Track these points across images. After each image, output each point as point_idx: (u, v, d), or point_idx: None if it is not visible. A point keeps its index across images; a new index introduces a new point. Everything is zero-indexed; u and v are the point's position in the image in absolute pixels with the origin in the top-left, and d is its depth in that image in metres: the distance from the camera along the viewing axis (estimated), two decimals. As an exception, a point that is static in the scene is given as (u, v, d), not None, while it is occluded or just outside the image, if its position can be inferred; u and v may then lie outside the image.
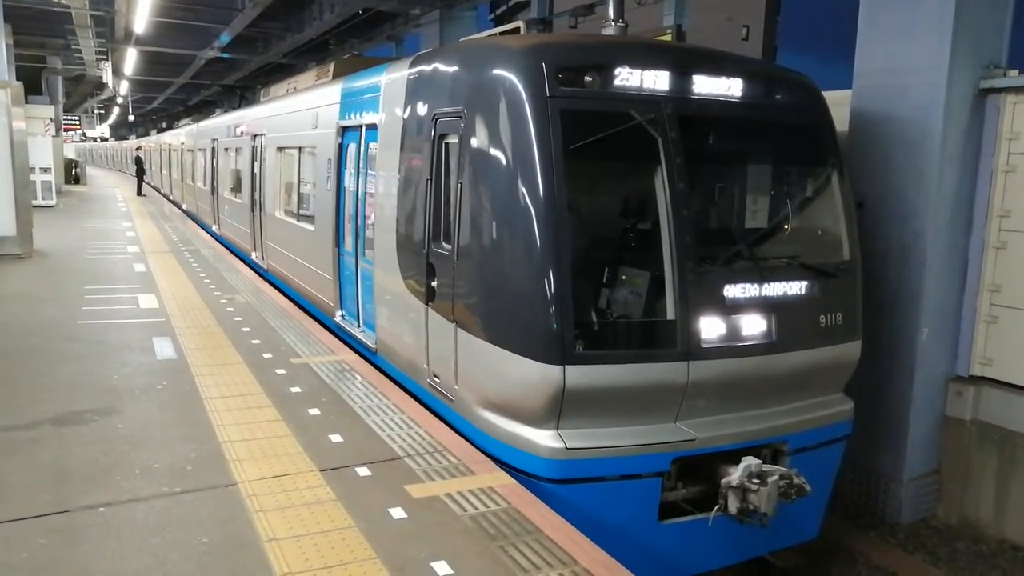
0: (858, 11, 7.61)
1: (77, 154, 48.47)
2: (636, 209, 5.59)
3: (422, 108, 6.47)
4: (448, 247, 5.79)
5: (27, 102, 16.30)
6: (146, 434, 5.30)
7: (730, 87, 5.65)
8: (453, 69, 6.24)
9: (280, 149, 11.92)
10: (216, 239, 17.29)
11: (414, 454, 5.09)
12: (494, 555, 3.82)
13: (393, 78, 7.31)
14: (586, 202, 5.58)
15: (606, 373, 5.00)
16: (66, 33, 23.09)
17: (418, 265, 6.30)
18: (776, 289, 5.52)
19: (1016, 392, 7.04)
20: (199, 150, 21.23)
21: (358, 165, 8.19)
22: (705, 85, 5.55)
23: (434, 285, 6.03)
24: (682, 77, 5.47)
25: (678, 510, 5.39)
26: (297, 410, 5.84)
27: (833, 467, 6.12)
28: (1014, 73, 7.00)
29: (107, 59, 28.74)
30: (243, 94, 34.68)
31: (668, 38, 10.75)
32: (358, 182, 8.20)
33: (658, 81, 5.39)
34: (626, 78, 5.30)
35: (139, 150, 38.46)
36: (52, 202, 22.30)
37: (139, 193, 31.39)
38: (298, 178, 10.99)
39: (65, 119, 38.56)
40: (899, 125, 7.19)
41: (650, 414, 5.22)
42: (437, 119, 6.09)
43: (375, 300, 7.56)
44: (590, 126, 5.16)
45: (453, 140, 5.82)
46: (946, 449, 7.53)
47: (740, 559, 5.75)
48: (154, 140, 40.12)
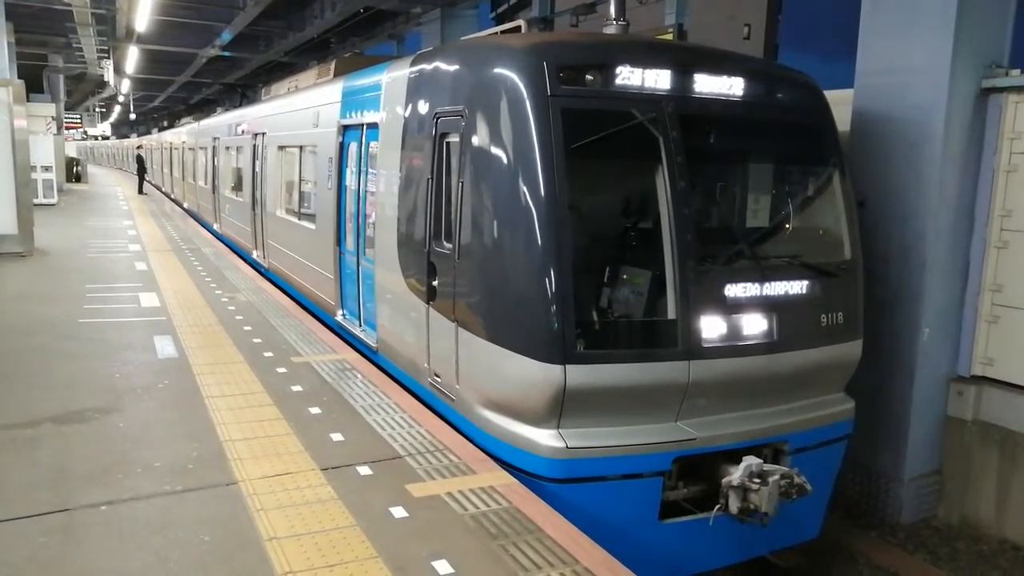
0: (860, 10, 7.60)
1: (78, 152, 48.47)
2: (637, 208, 5.58)
3: (423, 107, 6.47)
4: (449, 246, 5.79)
5: (28, 100, 16.26)
6: (147, 433, 5.31)
7: (731, 86, 5.64)
8: (454, 68, 6.23)
9: (281, 148, 11.91)
10: (217, 237, 17.29)
11: (415, 453, 5.09)
12: (495, 554, 3.82)
13: (394, 77, 7.31)
14: (587, 201, 5.57)
15: (607, 372, 5.00)
16: (68, 31, 23.12)
17: (419, 264, 6.30)
18: (777, 288, 5.51)
19: (1017, 392, 7.04)
20: (200, 148, 21.22)
21: (359, 164, 8.19)
22: (706, 84, 5.54)
23: (435, 284, 6.03)
24: (683, 76, 5.46)
25: (679, 509, 5.39)
26: (298, 409, 5.84)
27: (834, 467, 6.12)
28: (1016, 72, 6.98)
29: (108, 57, 28.78)
30: (244, 93, 34.74)
31: (669, 37, 10.73)
32: (359, 181, 8.20)
33: (659, 80, 5.38)
34: (627, 77, 5.29)
35: (140, 148, 38.47)
36: (53, 200, 22.32)
37: (140, 191, 31.41)
38: (299, 177, 10.99)
39: (66, 117, 38.58)
40: (900, 124, 7.19)
41: (651, 413, 5.22)
42: (438, 118, 6.08)
43: (376, 299, 7.56)
44: (591, 125, 5.16)
45: (454, 139, 5.81)
46: (947, 449, 7.53)
47: (741, 559, 5.75)
48: (155, 138, 40.12)
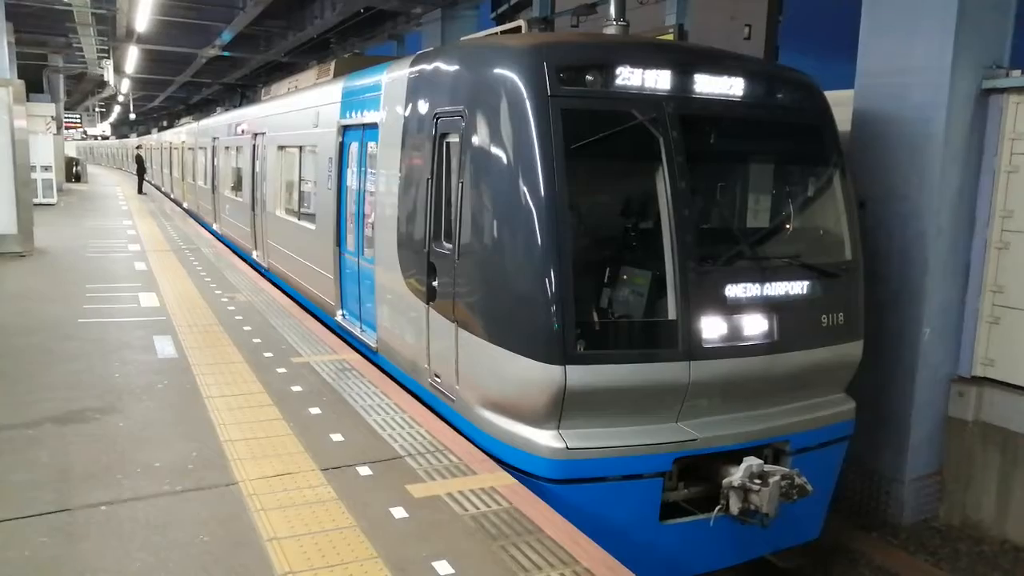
0: (860, 11, 7.60)
1: (78, 152, 48.50)
2: (637, 208, 5.57)
3: (423, 107, 6.47)
4: (449, 246, 5.79)
5: (28, 100, 16.29)
6: (147, 433, 5.30)
7: (731, 86, 5.64)
8: (454, 68, 6.23)
9: (281, 148, 11.91)
10: (217, 237, 17.29)
11: (415, 453, 5.08)
12: (495, 555, 3.82)
13: (394, 77, 7.31)
14: (587, 201, 5.57)
15: (607, 373, 4.99)
16: (67, 31, 23.12)
17: (419, 264, 6.30)
18: (778, 289, 5.51)
19: (1018, 393, 7.03)
20: (200, 148, 21.23)
21: (359, 164, 8.19)
22: (706, 84, 5.54)
23: (435, 284, 6.03)
24: (683, 76, 5.46)
25: (679, 510, 5.39)
26: (298, 409, 5.84)
27: (835, 467, 6.12)
28: (1017, 73, 6.98)
29: (108, 57, 28.77)
30: (244, 93, 34.76)
31: (670, 37, 10.73)
32: (359, 181, 8.19)
33: (659, 80, 5.38)
34: (627, 77, 5.29)
35: (140, 148, 38.49)
36: (53, 200, 22.32)
37: (140, 191, 31.42)
38: (299, 177, 10.99)
39: (66, 117, 38.64)
40: (901, 125, 7.18)
41: (651, 414, 5.22)
42: (438, 118, 6.08)
43: (376, 299, 7.56)
44: (591, 125, 5.15)
45: (454, 139, 5.81)
46: (948, 450, 7.52)
47: (742, 559, 5.75)
48: (155, 138, 40.13)
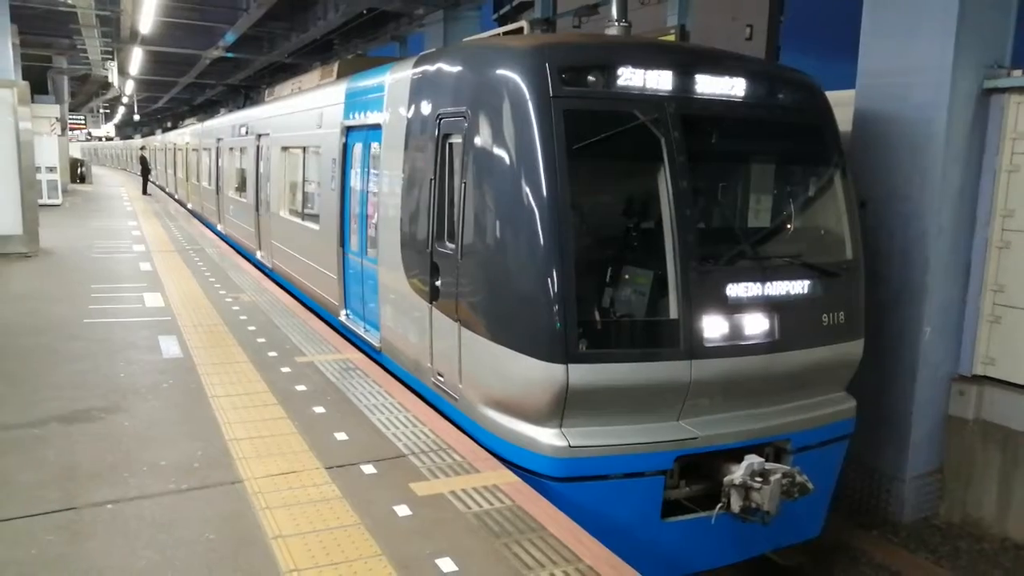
0: (862, 11, 7.62)
1: (82, 153, 48.64)
2: (639, 208, 5.60)
3: (426, 108, 6.50)
4: (452, 246, 5.82)
5: (33, 102, 16.36)
6: (153, 432, 5.35)
7: (733, 87, 5.66)
8: (457, 69, 6.26)
9: (285, 149, 11.95)
10: (221, 238, 17.35)
11: (419, 452, 5.12)
12: (498, 552, 3.85)
13: (397, 78, 7.34)
14: (589, 201, 5.60)
15: (609, 372, 5.02)
16: (72, 33, 23.15)
17: (422, 264, 6.33)
18: (779, 288, 5.53)
19: (1019, 392, 7.04)
20: (204, 150, 21.29)
21: (362, 165, 8.22)
22: (708, 85, 5.56)
23: (438, 284, 6.06)
24: (685, 77, 5.49)
25: (681, 508, 5.41)
26: (302, 408, 5.88)
27: (836, 465, 6.14)
28: (1018, 73, 6.99)
29: (113, 59, 28.83)
30: (248, 94, 34.81)
31: (671, 38, 10.76)
32: (362, 182, 8.23)
33: (661, 81, 5.40)
34: (629, 78, 5.32)
35: (144, 150, 38.58)
36: (58, 201, 22.42)
37: (144, 192, 31.52)
38: (303, 177, 11.03)
39: (71, 118, 38.67)
40: (902, 125, 7.20)
41: (653, 412, 5.24)
42: (441, 119, 6.11)
43: (379, 299, 7.59)
44: (593, 126, 5.18)
45: (457, 140, 5.84)
46: (949, 448, 7.54)
47: (743, 557, 5.77)
48: (159, 140, 40.22)
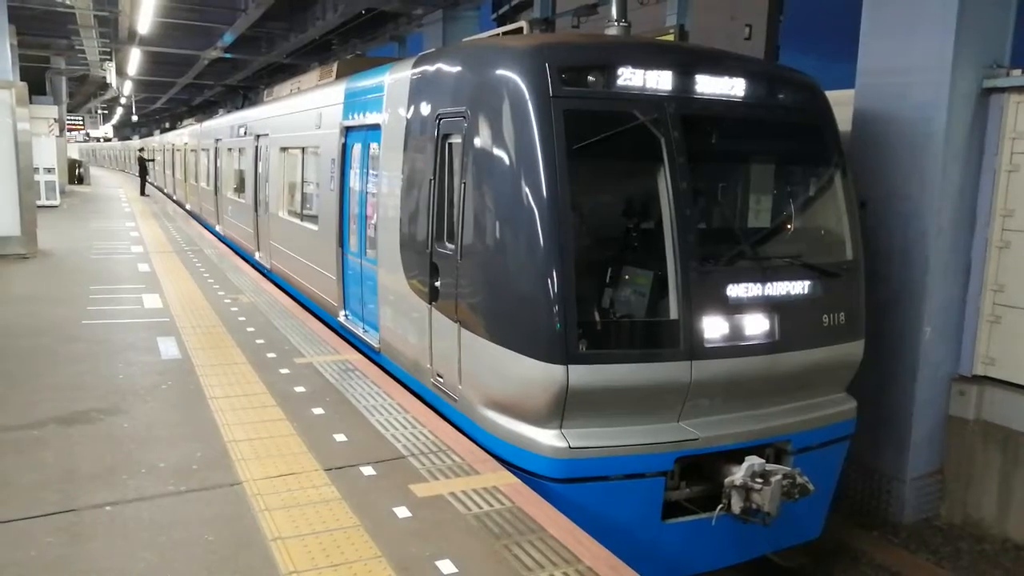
0: (861, 10, 7.61)
1: (81, 154, 48.61)
2: (639, 209, 5.59)
3: (425, 108, 6.49)
4: (451, 247, 5.81)
5: (31, 102, 16.33)
6: (151, 433, 5.33)
7: (733, 87, 5.65)
8: (456, 69, 6.25)
9: (283, 149, 11.94)
10: (219, 239, 17.33)
11: (418, 453, 5.10)
12: (498, 554, 3.84)
13: (396, 78, 7.33)
14: (589, 202, 5.59)
15: (609, 373, 5.01)
16: (70, 34, 23.14)
17: (421, 265, 6.32)
18: (779, 289, 5.52)
19: (1019, 392, 7.04)
20: (202, 150, 21.27)
21: (361, 165, 8.21)
22: (708, 85, 5.56)
23: (437, 285, 6.05)
24: (685, 77, 5.48)
25: (681, 509, 5.40)
26: (301, 410, 5.86)
27: (836, 466, 6.13)
28: (1017, 72, 6.99)
29: (111, 59, 28.84)
30: (246, 94, 34.72)
31: (671, 38, 10.75)
32: (361, 182, 8.22)
33: (661, 81, 5.40)
34: (629, 78, 5.31)
35: (142, 151, 38.55)
36: (56, 202, 22.39)
37: (142, 193, 31.49)
38: (301, 178, 11.01)
39: (69, 119, 38.71)
40: (902, 124, 7.19)
41: (653, 413, 5.23)
42: (440, 119, 6.10)
43: (379, 300, 7.58)
44: (593, 126, 5.18)
45: (456, 140, 5.83)
46: (949, 448, 7.53)
47: (743, 559, 5.77)
48: (157, 140, 40.19)
